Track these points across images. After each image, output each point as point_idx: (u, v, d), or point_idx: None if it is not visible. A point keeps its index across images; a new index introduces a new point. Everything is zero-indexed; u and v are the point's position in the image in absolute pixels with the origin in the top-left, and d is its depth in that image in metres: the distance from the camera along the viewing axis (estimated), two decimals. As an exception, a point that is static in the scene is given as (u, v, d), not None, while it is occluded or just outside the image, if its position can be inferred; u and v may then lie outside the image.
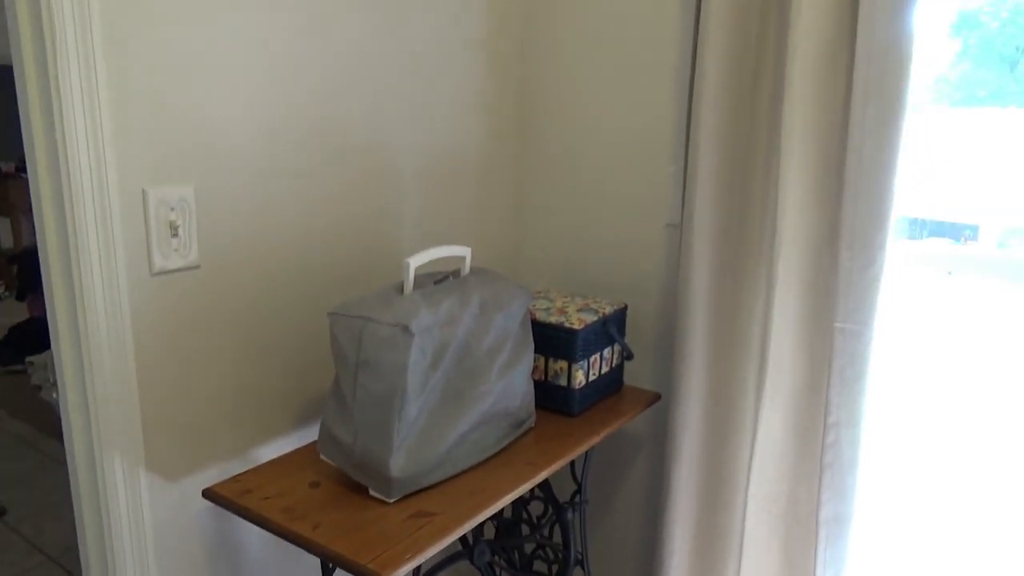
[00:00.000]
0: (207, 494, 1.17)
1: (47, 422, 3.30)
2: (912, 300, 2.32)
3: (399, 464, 1.12)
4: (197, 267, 1.20)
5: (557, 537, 1.59)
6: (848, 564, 1.47)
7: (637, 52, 1.60)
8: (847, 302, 1.36)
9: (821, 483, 1.43)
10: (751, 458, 1.49)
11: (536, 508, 1.62)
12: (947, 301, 2.51)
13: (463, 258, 1.31)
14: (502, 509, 1.65)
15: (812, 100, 1.33)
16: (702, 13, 1.41)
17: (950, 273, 2.33)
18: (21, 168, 5.04)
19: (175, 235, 1.16)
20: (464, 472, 1.23)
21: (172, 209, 1.15)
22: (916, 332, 2.28)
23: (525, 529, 1.65)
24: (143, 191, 1.10)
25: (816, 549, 1.46)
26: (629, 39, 1.61)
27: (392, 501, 1.13)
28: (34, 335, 4.01)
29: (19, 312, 4.29)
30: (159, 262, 1.14)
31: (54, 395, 1.16)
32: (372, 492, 1.15)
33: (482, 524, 1.66)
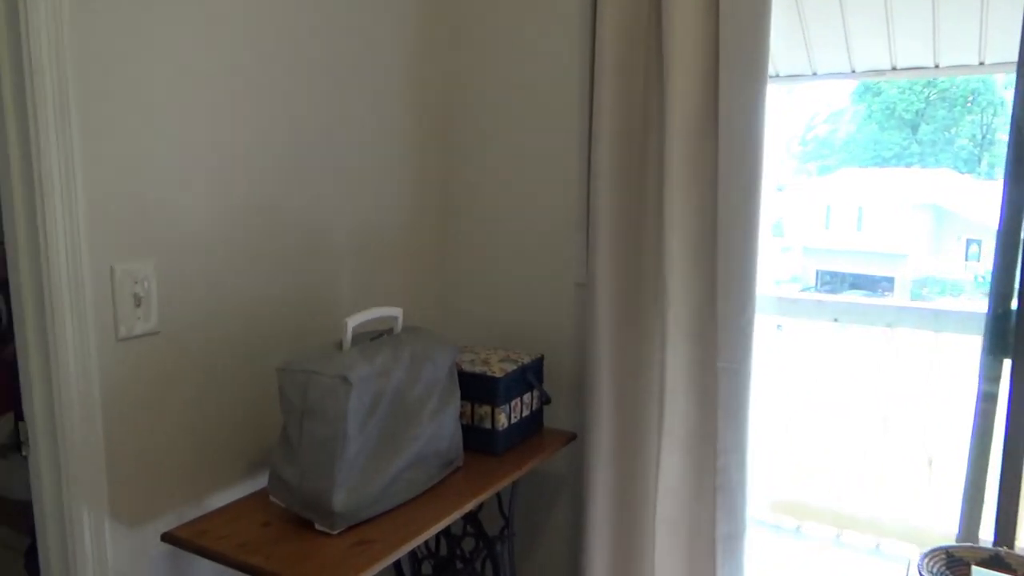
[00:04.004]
0: (166, 537, 1.30)
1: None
2: (799, 343, 2.61)
3: (341, 500, 1.28)
4: (157, 333, 1.35)
5: (490, 571, 1.75)
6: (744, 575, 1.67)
7: (543, 138, 1.86)
8: (726, 345, 1.60)
9: (715, 504, 1.64)
10: (656, 486, 1.69)
11: (469, 544, 1.77)
12: (831, 343, 2.82)
13: (396, 317, 1.50)
14: (438, 546, 1.80)
15: (688, 182, 1.59)
16: (594, 108, 1.68)
17: (836, 320, 2.64)
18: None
19: (138, 305, 1.31)
20: (400, 506, 1.39)
21: (136, 282, 1.31)
22: (800, 369, 2.56)
23: (459, 564, 1.80)
24: (111, 267, 1.27)
25: (715, 564, 1.65)
26: (537, 129, 1.87)
27: (336, 533, 1.28)
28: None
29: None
30: (124, 329, 1.30)
31: (24, 453, 1.28)
32: (318, 526, 1.30)
33: (420, 562, 1.81)
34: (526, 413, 1.71)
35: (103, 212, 1.25)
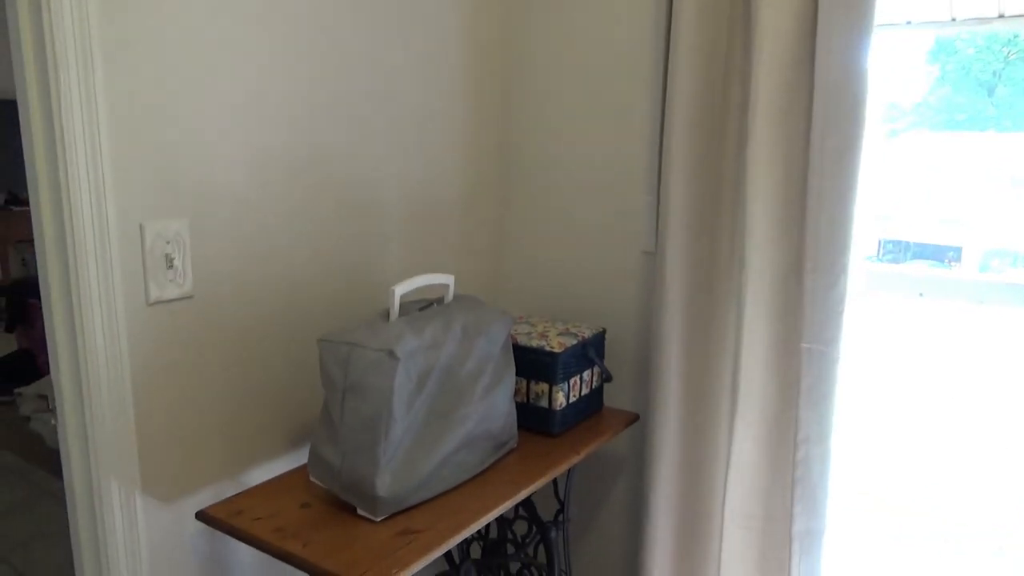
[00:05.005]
0: (200, 516, 1.22)
1: (36, 453, 3.31)
2: (881, 321, 2.41)
3: (385, 484, 1.17)
4: (191, 297, 1.25)
5: (542, 556, 1.64)
6: (821, 577, 1.52)
7: (612, 92, 1.69)
8: (813, 323, 1.43)
9: (793, 498, 1.49)
10: (727, 476, 1.54)
11: (521, 527, 1.66)
12: (917, 322, 2.60)
13: (447, 286, 1.37)
14: (488, 529, 1.70)
15: (774, 138, 1.41)
16: (671, 58, 1.50)
17: (921, 295, 2.41)
18: (10, 201, 5.07)
19: (170, 267, 1.21)
20: (448, 492, 1.27)
21: (168, 242, 1.20)
22: (884, 351, 2.36)
23: (510, 548, 1.69)
24: (140, 225, 1.16)
25: (790, 563, 1.51)
26: (604, 81, 1.70)
27: (379, 520, 1.18)
28: (22, 367, 4.02)
29: (6, 344, 4.30)
30: (155, 293, 1.20)
31: (53, 421, 1.20)
32: (360, 512, 1.19)
33: (468, 544, 1.71)
34: (585, 392, 1.57)
35: (130, 166, 1.14)
